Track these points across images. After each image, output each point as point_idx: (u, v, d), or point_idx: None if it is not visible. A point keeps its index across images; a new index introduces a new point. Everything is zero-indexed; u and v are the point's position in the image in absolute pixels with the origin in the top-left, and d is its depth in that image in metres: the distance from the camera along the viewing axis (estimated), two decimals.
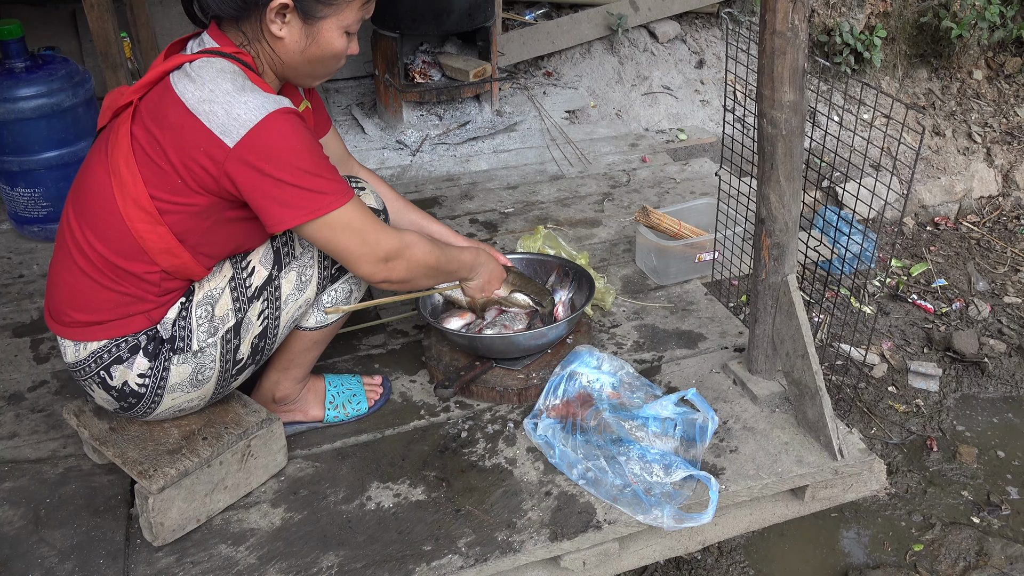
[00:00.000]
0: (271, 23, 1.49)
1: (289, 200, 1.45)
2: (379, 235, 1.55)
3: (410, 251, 1.60)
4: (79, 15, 3.42)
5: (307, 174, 1.45)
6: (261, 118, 1.41)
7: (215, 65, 1.47)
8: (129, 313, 1.56)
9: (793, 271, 1.84)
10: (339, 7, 1.51)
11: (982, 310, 3.22)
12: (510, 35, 3.80)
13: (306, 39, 1.53)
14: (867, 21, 4.17)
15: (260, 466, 1.74)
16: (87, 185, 1.54)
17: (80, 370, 1.60)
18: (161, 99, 1.47)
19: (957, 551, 2.33)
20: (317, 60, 1.57)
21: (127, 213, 1.49)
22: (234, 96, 1.42)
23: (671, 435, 1.84)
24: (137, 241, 1.50)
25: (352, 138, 3.44)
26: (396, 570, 1.57)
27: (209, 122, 1.42)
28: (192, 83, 1.45)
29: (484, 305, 1.98)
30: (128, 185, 1.47)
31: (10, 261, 2.64)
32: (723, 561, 2.32)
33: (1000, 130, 4.12)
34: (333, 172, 1.50)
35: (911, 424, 2.76)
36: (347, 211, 1.50)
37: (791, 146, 1.71)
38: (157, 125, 1.45)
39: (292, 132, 1.43)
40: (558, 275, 2.19)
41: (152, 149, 1.46)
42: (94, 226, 1.52)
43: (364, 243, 1.53)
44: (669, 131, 3.67)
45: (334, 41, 1.55)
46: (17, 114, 2.51)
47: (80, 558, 1.60)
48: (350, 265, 1.56)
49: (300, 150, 1.44)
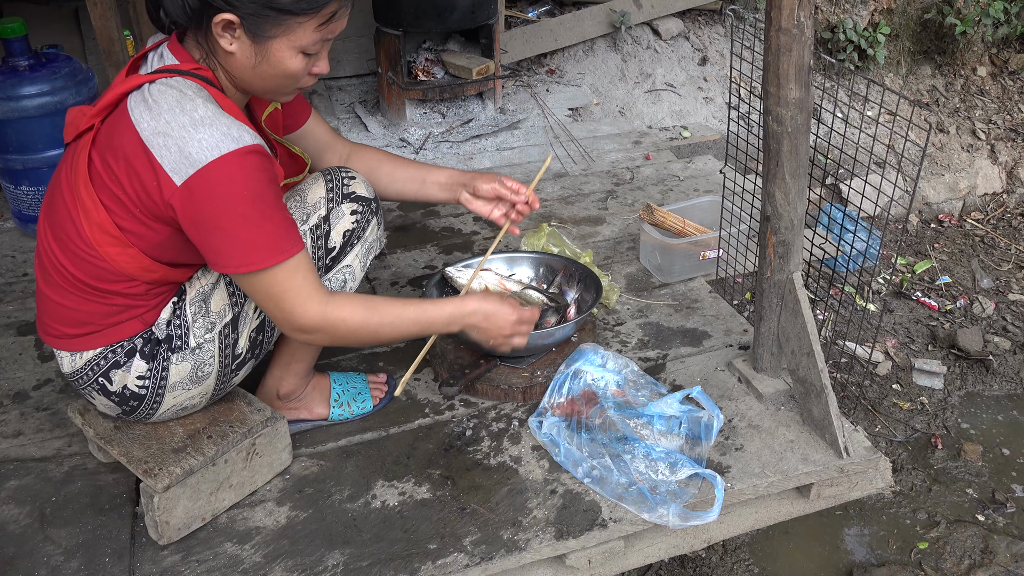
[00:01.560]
0: (219, 37, 1.42)
1: (220, 248, 1.40)
2: (297, 307, 1.45)
3: (334, 328, 1.50)
4: (82, 13, 3.42)
5: (245, 223, 1.38)
6: (211, 160, 1.35)
7: (173, 90, 1.40)
8: (121, 320, 1.56)
9: (798, 268, 1.83)
10: (289, 27, 1.41)
11: (986, 307, 3.21)
12: (513, 32, 3.79)
13: (256, 57, 1.44)
14: (871, 18, 4.16)
15: (265, 464, 1.74)
16: (56, 207, 1.51)
17: (78, 379, 1.60)
18: (117, 125, 1.42)
19: (962, 549, 2.33)
20: (269, 77, 1.48)
21: (95, 239, 1.46)
22: (189, 131, 1.36)
23: (676, 433, 1.84)
24: (111, 264, 1.48)
25: (355, 136, 3.44)
26: (402, 568, 1.57)
27: (161, 157, 1.36)
28: (148, 111, 1.38)
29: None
30: (92, 212, 1.44)
31: (14, 259, 2.64)
32: (728, 559, 2.31)
33: (1004, 127, 4.11)
34: (277, 224, 1.42)
35: (915, 422, 2.75)
36: (272, 273, 1.42)
37: (797, 143, 1.70)
38: (112, 154, 1.41)
39: (241, 177, 1.36)
40: (565, 275, 2.19)
41: (109, 177, 1.42)
42: (66, 250, 1.50)
43: (280, 310, 1.46)
44: (672, 128, 3.66)
45: (286, 61, 1.45)
46: (20, 112, 2.51)
47: (86, 556, 1.60)
48: (281, 326, 1.50)
49: (244, 198, 1.37)
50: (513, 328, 1.69)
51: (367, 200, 1.71)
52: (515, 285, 2.13)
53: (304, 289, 1.46)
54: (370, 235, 1.73)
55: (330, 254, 1.67)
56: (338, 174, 1.70)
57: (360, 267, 1.74)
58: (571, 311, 2.06)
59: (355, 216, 1.69)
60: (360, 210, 1.69)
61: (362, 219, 1.70)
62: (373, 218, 1.73)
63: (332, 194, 1.66)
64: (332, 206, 1.66)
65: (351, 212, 1.68)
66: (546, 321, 2.03)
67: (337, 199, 1.67)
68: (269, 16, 1.40)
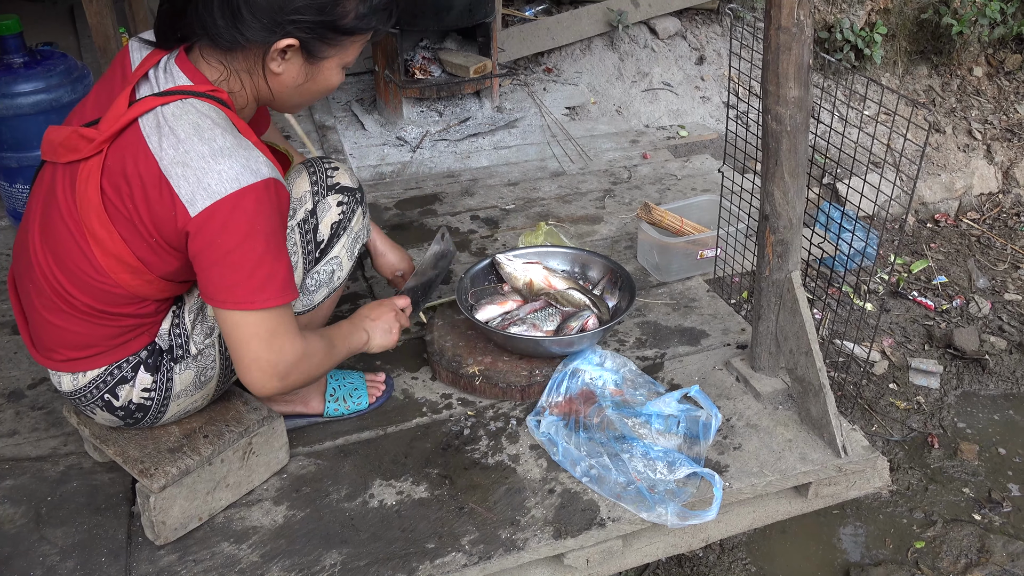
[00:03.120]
0: (271, 60, 1.41)
1: (225, 282, 1.36)
2: (287, 342, 1.43)
3: (308, 359, 1.48)
4: (77, 10, 3.41)
5: (254, 260, 1.36)
6: (230, 192, 1.32)
7: (192, 114, 1.36)
8: (129, 339, 1.54)
9: (797, 268, 1.83)
10: (343, 47, 1.45)
11: (983, 307, 3.21)
12: (510, 31, 3.79)
13: (305, 76, 1.46)
14: (868, 18, 4.17)
15: (262, 464, 1.73)
16: (58, 234, 1.44)
17: (80, 397, 1.57)
18: (129, 151, 1.36)
19: (959, 548, 2.33)
20: (309, 94, 1.51)
21: (110, 268, 1.42)
22: (208, 162, 1.33)
23: (674, 432, 1.83)
24: (126, 290, 1.45)
25: (352, 134, 3.43)
26: (400, 568, 1.57)
27: (179, 187, 1.33)
28: (166, 139, 1.34)
29: (536, 292, 2.04)
30: (107, 243, 1.40)
31: (8, 258, 2.63)
32: (725, 558, 2.31)
33: (1000, 127, 4.11)
34: (283, 265, 1.41)
35: (912, 421, 2.75)
36: (280, 311, 1.41)
37: (796, 142, 1.70)
38: (125, 181, 1.36)
39: (256, 213, 1.35)
40: (609, 280, 2.20)
41: (125, 208, 1.37)
42: (74, 280, 1.45)
43: (270, 348, 1.41)
44: (670, 127, 3.66)
45: (332, 78, 1.50)
46: (15, 110, 2.50)
47: (81, 556, 1.59)
48: (241, 369, 1.43)
49: (258, 233, 1.35)
50: (397, 316, 1.78)
51: (352, 190, 1.71)
52: (561, 283, 2.14)
53: (294, 325, 1.45)
54: (355, 225, 1.73)
55: (319, 247, 1.67)
56: (321, 166, 1.69)
57: (348, 257, 1.74)
58: (589, 321, 2.04)
59: (341, 207, 1.69)
60: (346, 200, 1.70)
61: (348, 209, 1.70)
62: (359, 208, 1.73)
63: (317, 187, 1.66)
64: (318, 199, 1.65)
65: (337, 204, 1.68)
66: (567, 327, 2.02)
67: (322, 191, 1.66)
68: (329, 38, 1.42)
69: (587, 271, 2.27)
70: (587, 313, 2.04)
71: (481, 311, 2.08)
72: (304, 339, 1.47)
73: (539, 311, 2.07)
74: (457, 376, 1.98)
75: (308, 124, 3.50)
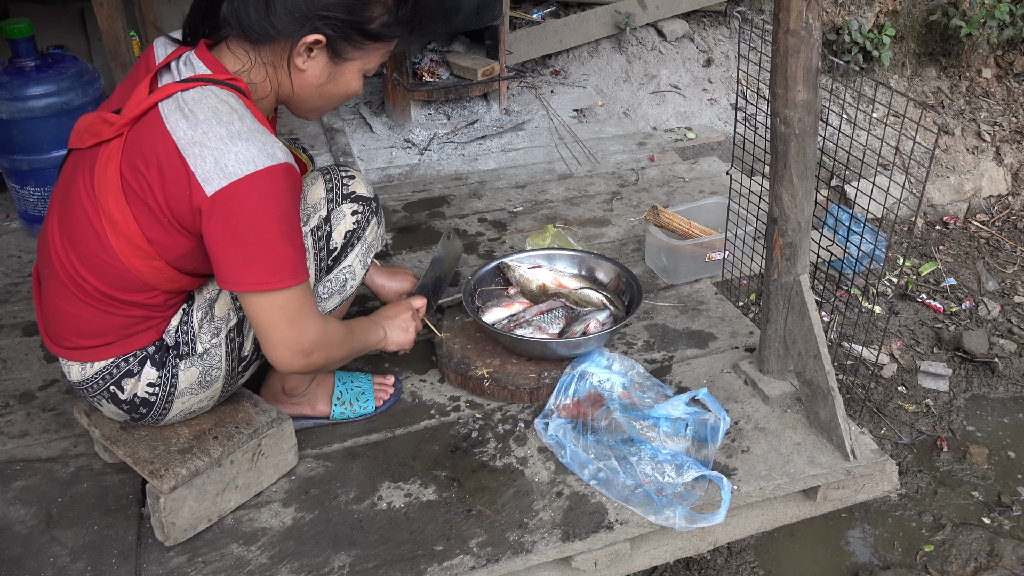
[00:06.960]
0: (297, 55, 1.46)
1: (239, 264, 1.39)
2: (308, 322, 1.47)
3: (329, 340, 1.54)
4: (88, 13, 3.43)
5: (269, 241, 1.39)
6: (246, 174, 1.35)
7: (211, 98, 1.40)
8: (137, 331, 1.56)
9: (805, 270, 1.83)
10: (367, 52, 1.50)
11: (992, 310, 3.20)
12: (518, 34, 3.79)
13: (327, 76, 1.51)
14: (876, 19, 4.15)
15: (271, 465, 1.74)
16: (75, 216, 1.48)
17: (87, 387, 1.59)
18: (149, 132, 1.40)
19: (968, 552, 2.32)
20: (328, 97, 1.55)
21: (121, 251, 1.45)
22: (226, 143, 1.36)
23: (683, 435, 1.83)
24: (136, 275, 1.48)
25: (360, 137, 3.44)
26: (408, 570, 1.57)
27: (195, 167, 1.36)
28: (185, 120, 1.38)
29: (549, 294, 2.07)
30: (120, 224, 1.43)
31: (20, 260, 2.65)
32: (733, 561, 2.31)
33: (1009, 129, 4.10)
34: (296, 247, 1.44)
35: (921, 424, 2.75)
36: (294, 291, 1.43)
37: (804, 145, 1.70)
38: (143, 160, 1.39)
39: (272, 194, 1.38)
40: (617, 283, 2.20)
41: (140, 188, 1.40)
42: (87, 262, 1.48)
43: (292, 328, 1.45)
44: (677, 130, 3.66)
45: (352, 82, 1.54)
46: (27, 113, 2.52)
47: (92, 557, 1.60)
48: (268, 348, 1.48)
49: (272, 214, 1.38)
50: (414, 315, 1.88)
51: (367, 200, 1.71)
52: (573, 282, 2.15)
53: (315, 307, 1.50)
54: (370, 235, 1.74)
55: (331, 255, 1.67)
56: (337, 173, 1.70)
57: (361, 267, 1.74)
58: (591, 324, 2.04)
59: (356, 216, 1.69)
60: (361, 210, 1.70)
61: (363, 219, 1.71)
62: (373, 217, 1.74)
63: (332, 194, 1.66)
64: (332, 207, 1.66)
65: (352, 212, 1.68)
66: (572, 331, 2.03)
67: (337, 199, 1.67)
68: (355, 40, 1.47)
69: (594, 274, 2.27)
70: (591, 316, 2.04)
71: (488, 313, 2.09)
72: (325, 321, 1.53)
73: (544, 313, 2.07)
74: (466, 378, 1.99)
75: (316, 127, 3.51)
